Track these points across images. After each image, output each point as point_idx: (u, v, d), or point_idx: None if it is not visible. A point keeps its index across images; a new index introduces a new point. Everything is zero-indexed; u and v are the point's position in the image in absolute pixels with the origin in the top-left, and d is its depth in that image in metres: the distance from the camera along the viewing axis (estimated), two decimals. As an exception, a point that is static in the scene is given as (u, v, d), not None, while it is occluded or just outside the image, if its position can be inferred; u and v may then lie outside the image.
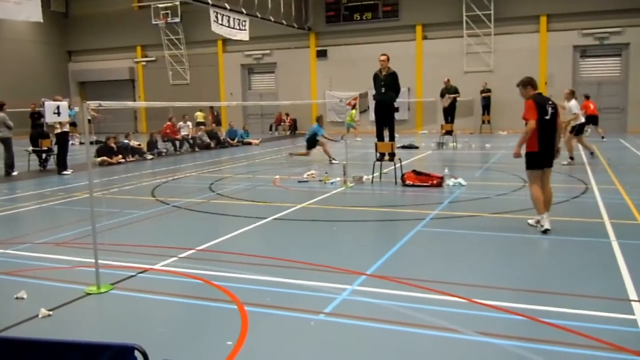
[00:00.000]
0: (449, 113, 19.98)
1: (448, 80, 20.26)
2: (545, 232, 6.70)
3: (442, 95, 20.12)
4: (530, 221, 7.15)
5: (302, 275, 5.35)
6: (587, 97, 20.74)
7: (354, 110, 23.31)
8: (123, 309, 4.75)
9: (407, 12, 26.80)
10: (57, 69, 34.24)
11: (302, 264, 5.73)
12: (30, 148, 15.26)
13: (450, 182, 10.71)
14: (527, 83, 6.95)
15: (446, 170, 11.75)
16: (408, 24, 26.88)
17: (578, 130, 13.58)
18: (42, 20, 14.66)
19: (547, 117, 6.72)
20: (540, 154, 6.76)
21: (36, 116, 15.61)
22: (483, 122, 24.99)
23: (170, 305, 4.82)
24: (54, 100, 13.07)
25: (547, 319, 4.18)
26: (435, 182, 10.62)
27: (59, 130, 13.88)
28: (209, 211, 8.85)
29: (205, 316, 4.54)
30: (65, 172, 13.91)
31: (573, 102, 13.39)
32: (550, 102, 6.85)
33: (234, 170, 14.56)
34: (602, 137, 19.89)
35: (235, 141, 22.39)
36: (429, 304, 4.56)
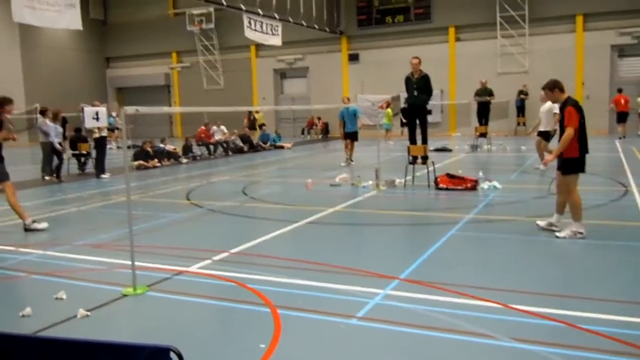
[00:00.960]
0: (483, 115, 19.72)
1: (485, 81, 19.98)
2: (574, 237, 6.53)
3: (477, 95, 19.85)
4: (541, 223, 7.06)
5: (335, 279, 5.35)
6: (619, 91, 20.14)
7: (389, 110, 23.20)
8: (158, 310, 4.83)
9: (439, 14, 26.59)
10: (96, 76, 35.13)
11: (335, 267, 5.73)
12: (70, 152, 15.68)
13: (484, 185, 10.56)
14: (554, 86, 6.68)
15: (480, 173, 11.59)
16: (441, 26, 26.65)
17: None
18: (81, 28, 15.06)
19: (582, 120, 6.53)
20: (580, 159, 6.55)
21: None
22: (518, 124, 24.57)
23: (205, 307, 4.88)
24: (93, 106, 13.46)
25: (584, 325, 4.08)
26: (469, 185, 10.49)
27: (97, 135, 14.22)
28: (243, 214, 8.94)
29: (238, 319, 4.58)
30: (103, 176, 14.24)
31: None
32: (580, 105, 6.68)
33: (266, 173, 14.67)
34: (621, 137, 19.30)
35: (267, 145, 22.56)
36: (463, 309, 4.51)
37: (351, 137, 15.75)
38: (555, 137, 9.63)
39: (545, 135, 12.47)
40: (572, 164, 6.57)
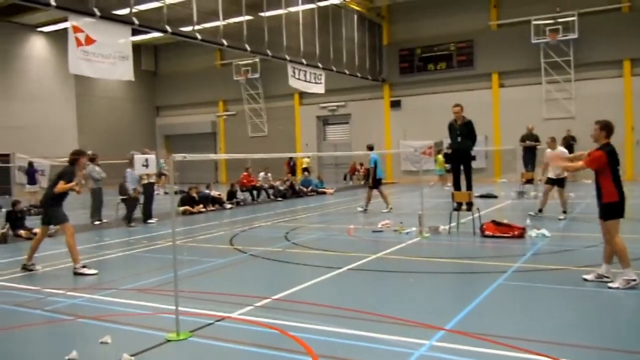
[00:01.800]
0: (530, 161, 19.37)
1: (532, 127, 19.71)
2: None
3: (523, 141, 19.58)
4: (588, 277, 6.78)
5: (378, 328, 5.23)
6: None
7: (440, 155, 23.10)
8: (200, 357, 4.81)
9: (482, 61, 26.64)
10: (146, 124, 36.51)
11: (378, 316, 5.62)
12: (119, 197, 16.15)
13: (532, 233, 10.26)
14: (605, 127, 6.63)
15: (528, 221, 11.29)
16: (483, 72, 26.67)
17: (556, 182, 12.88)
18: (133, 79, 15.75)
19: (619, 167, 6.57)
20: (620, 203, 6.48)
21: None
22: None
23: (246, 354, 4.84)
24: (143, 153, 13.91)
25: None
26: (516, 233, 10.22)
27: (145, 181, 14.63)
28: (285, 260, 8.93)
29: (280, 367, 4.51)
30: (150, 221, 14.56)
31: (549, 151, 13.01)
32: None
33: (308, 219, 14.69)
34: None
35: (309, 190, 22.70)
36: (512, 362, 4.32)
37: (381, 183, 15.99)
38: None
39: (560, 182, 12.68)
40: (612, 208, 6.48)
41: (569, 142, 23.66)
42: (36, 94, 29.37)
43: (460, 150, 12.01)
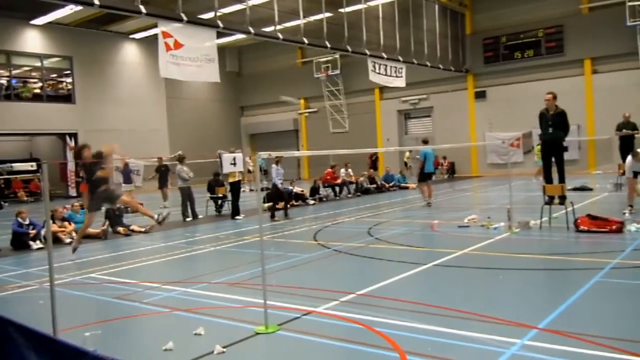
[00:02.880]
0: (627, 151, 18.10)
1: (629, 115, 18.49)
2: None
3: (619, 130, 18.39)
4: None
5: (466, 326, 5.11)
6: None
7: (537, 146, 22.12)
8: (289, 350, 4.92)
9: (573, 47, 25.26)
10: (231, 123, 37.72)
11: (466, 313, 5.49)
12: (208, 195, 16.81)
13: (632, 227, 9.62)
14: None
15: (627, 214, 10.59)
16: (575, 58, 25.28)
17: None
18: (219, 80, 16.31)
19: None
20: None
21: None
22: (669, 159, 22.26)
23: (333, 349, 4.89)
24: (230, 152, 14.39)
25: None
26: (614, 227, 9.62)
27: (233, 179, 15.09)
28: (368, 255, 8.93)
29: (367, 362, 4.52)
30: (237, 217, 15.03)
31: None
32: None
33: (391, 214, 14.58)
34: None
35: (391, 185, 22.53)
36: (613, 364, 4.08)
37: (430, 177, 16.39)
38: None
39: None
40: None
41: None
42: (130, 98, 31.12)
43: (551, 142, 11.46)
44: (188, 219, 15.21)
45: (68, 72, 29.32)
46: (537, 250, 8.88)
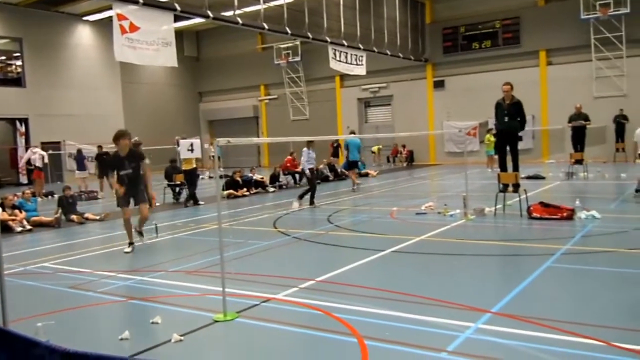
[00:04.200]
0: (579, 141, 18.75)
1: (580, 106, 19.10)
2: None
3: (571, 121, 18.98)
4: None
5: (423, 311, 5.21)
6: None
7: (490, 136, 22.57)
8: (247, 337, 4.91)
9: (529, 38, 25.85)
10: (189, 109, 37.12)
11: (423, 298, 5.59)
12: (166, 182, 16.53)
13: (582, 214, 9.97)
14: None
15: (577, 202, 10.97)
16: (530, 50, 25.88)
17: None
18: (177, 65, 15.99)
19: None
20: None
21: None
22: (617, 150, 23.14)
23: (292, 335, 4.90)
24: (182, 139, 14.09)
25: None
26: (565, 214, 9.95)
27: (189, 166, 14.80)
28: (328, 242, 8.97)
29: (326, 348, 4.56)
30: (198, 204, 14.83)
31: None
32: None
33: (351, 202, 14.68)
34: None
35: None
36: (561, 346, 4.23)
37: (356, 165, 17.93)
38: None
39: None
40: None
41: (620, 122, 22.83)
42: (83, 82, 30.19)
43: (506, 131, 11.72)
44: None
45: (17, 54, 28.20)
46: (492, 237, 9.10)
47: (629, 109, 22.58)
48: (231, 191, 16.89)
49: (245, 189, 17.44)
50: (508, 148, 11.92)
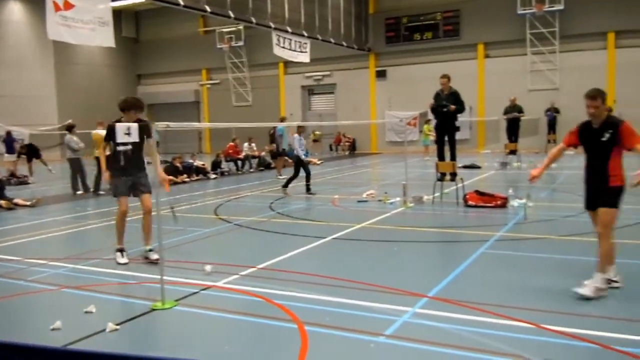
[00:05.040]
0: (513, 132, 19.48)
1: (514, 98, 19.79)
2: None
3: (506, 114, 19.68)
4: (587, 291, 5.06)
5: (362, 296, 5.29)
6: None
7: (429, 126, 22.99)
8: (186, 325, 4.84)
9: (468, 31, 26.50)
10: (127, 92, 35.75)
11: (362, 284, 5.68)
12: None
13: (515, 203, 10.38)
14: (603, 96, 5.29)
15: (510, 191, 11.41)
16: (469, 42, 26.55)
17: None
18: (114, 46, 15.41)
19: None
20: (624, 189, 5.19)
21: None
22: (549, 141, 24.18)
23: (232, 322, 4.87)
24: (98, 125, 13.41)
25: (619, 346, 3.94)
26: (499, 202, 10.33)
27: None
28: (270, 230, 8.95)
29: (266, 334, 4.56)
30: (94, 191, 14.13)
31: None
32: None
33: (293, 189, 14.68)
34: None
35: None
36: (494, 328, 4.41)
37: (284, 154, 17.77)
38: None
39: None
40: (620, 194, 5.17)
41: (553, 114, 23.85)
42: (14, 60, 28.68)
43: (445, 121, 12.02)
44: (79, 192, 14.37)
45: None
46: (429, 224, 9.34)
47: (561, 102, 23.61)
48: (171, 177, 16.51)
49: (185, 176, 17.12)
50: (446, 138, 12.25)
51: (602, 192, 5.21)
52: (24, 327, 4.95)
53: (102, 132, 13.70)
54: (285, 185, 13.44)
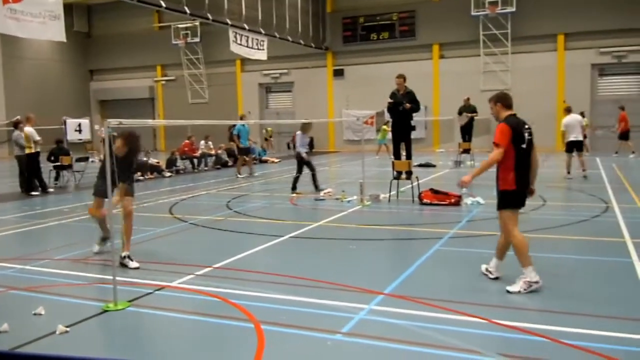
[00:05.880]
0: (467, 131, 19.92)
1: (468, 98, 20.24)
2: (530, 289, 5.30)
3: (460, 113, 20.09)
4: (483, 267, 5.90)
5: (319, 294, 5.31)
6: (622, 109, 20.85)
7: (385, 126, 23.17)
8: (140, 326, 4.75)
9: (423, 32, 26.90)
10: (79, 88, 34.87)
11: (319, 282, 5.70)
12: (51, 165, 15.49)
13: (468, 200, 10.62)
14: (499, 99, 5.77)
15: (464, 189, 11.66)
16: (425, 43, 26.96)
17: (567, 147, 14.20)
18: (65, 40, 14.94)
19: (524, 146, 5.44)
20: (518, 192, 5.46)
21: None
22: (501, 140, 24.81)
23: (187, 323, 4.81)
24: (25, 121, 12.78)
25: (568, 340, 4.09)
26: (453, 200, 10.54)
27: (32, 150, 13.58)
28: (226, 229, 8.87)
29: (222, 334, 4.52)
30: (34, 193, 13.63)
31: (564, 119, 14.36)
32: (527, 127, 5.58)
33: (250, 187, 14.60)
34: (632, 153, 19.99)
35: (251, 159, 22.48)
36: (448, 324, 4.50)
37: (247, 152, 17.97)
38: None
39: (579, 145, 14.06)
40: (507, 197, 5.49)
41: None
42: (-43, 53, 27.47)
43: (400, 120, 12.18)
44: (34, 193, 13.64)
45: None
46: (386, 222, 9.44)
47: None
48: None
49: (139, 174, 16.76)
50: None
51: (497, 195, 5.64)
52: (-33, 332, 4.75)
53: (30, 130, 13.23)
54: (294, 188, 12.71)
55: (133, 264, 6.47)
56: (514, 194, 5.45)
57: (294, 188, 12.69)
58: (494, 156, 5.41)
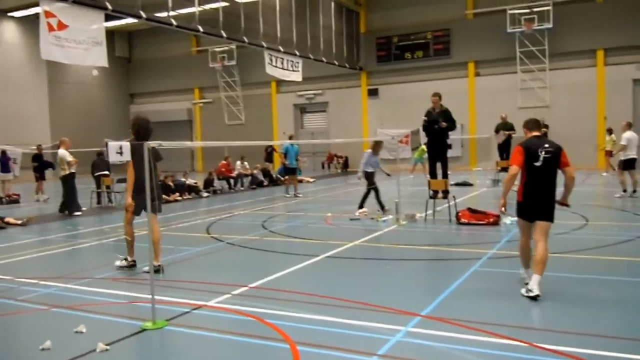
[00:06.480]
0: (504, 149, 19.58)
1: (506, 115, 19.97)
2: (534, 297, 5.58)
3: (497, 131, 19.80)
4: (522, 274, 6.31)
5: (355, 315, 5.27)
6: None
7: (423, 146, 23.04)
8: (177, 345, 4.79)
9: (458, 50, 26.79)
10: (120, 111, 35.93)
11: (355, 303, 5.65)
12: (93, 187, 15.92)
13: (507, 220, 10.39)
14: (524, 124, 6.34)
15: (503, 209, 11.44)
16: (460, 61, 26.83)
17: (625, 164, 13.71)
18: (107, 65, 15.45)
19: (538, 164, 5.86)
20: (524, 204, 6.07)
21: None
22: (539, 158, 24.33)
23: (224, 342, 4.83)
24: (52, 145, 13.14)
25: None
26: (491, 220, 10.35)
27: (67, 172, 13.87)
28: (262, 248, 8.92)
29: (258, 355, 4.51)
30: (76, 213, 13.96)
31: (626, 134, 13.90)
32: (546, 146, 5.92)
33: (286, 207, 14.67)
34: None
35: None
36: (488, 347, 4.39)
37: (294, 172, 17.90)
38: None
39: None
40: (517, 207, 6.20)
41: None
42: (7, 80, 28.68)
43: (437, 139, 12.08)
44: (77, 213, 14.02)
45: None
46: (422, 242, 9.33)
47: (551, 120, 23.80)
48: (163, 196, 16.46)
49: (177, 194, 17.07)
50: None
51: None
52: (13, 347, 4.89)
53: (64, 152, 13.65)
54: (361, 205, 12.24)
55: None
56: (520, 205, 6.14)
57: (361, 206, 12.19)
58: (508, 175, 6.12)
